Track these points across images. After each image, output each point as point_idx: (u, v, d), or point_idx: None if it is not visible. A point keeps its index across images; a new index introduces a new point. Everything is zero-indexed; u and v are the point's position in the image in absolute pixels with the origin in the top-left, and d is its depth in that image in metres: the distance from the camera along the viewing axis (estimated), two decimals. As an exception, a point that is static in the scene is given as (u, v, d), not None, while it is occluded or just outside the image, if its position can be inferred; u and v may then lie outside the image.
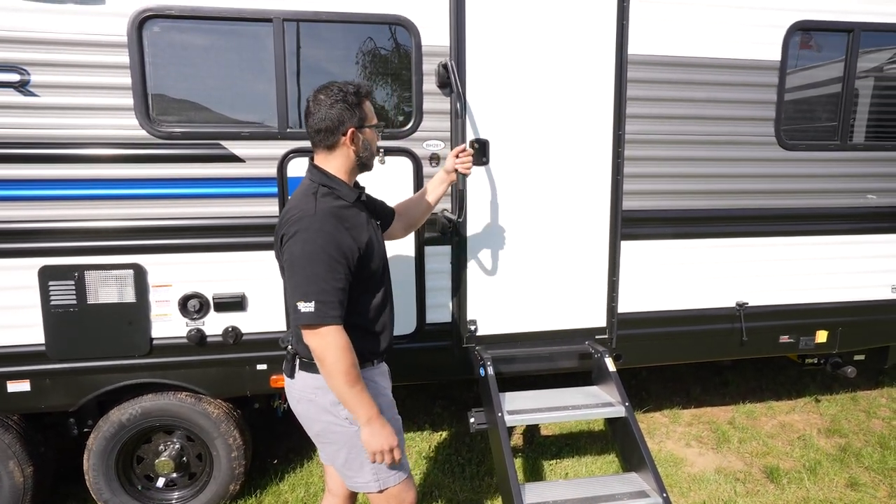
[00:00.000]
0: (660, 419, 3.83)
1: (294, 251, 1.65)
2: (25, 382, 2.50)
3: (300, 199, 1.74)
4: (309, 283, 1.62)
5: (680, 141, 2.91)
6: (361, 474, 1.80)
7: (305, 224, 1.65)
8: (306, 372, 1.79)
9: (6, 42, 2.31)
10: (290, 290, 1.67)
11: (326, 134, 1.76)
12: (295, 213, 1.69)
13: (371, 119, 1.83)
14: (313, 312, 1.61)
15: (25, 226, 2.41)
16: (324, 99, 1.74)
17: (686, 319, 3.07)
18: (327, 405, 1.77)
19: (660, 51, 2.81)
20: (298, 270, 1.63)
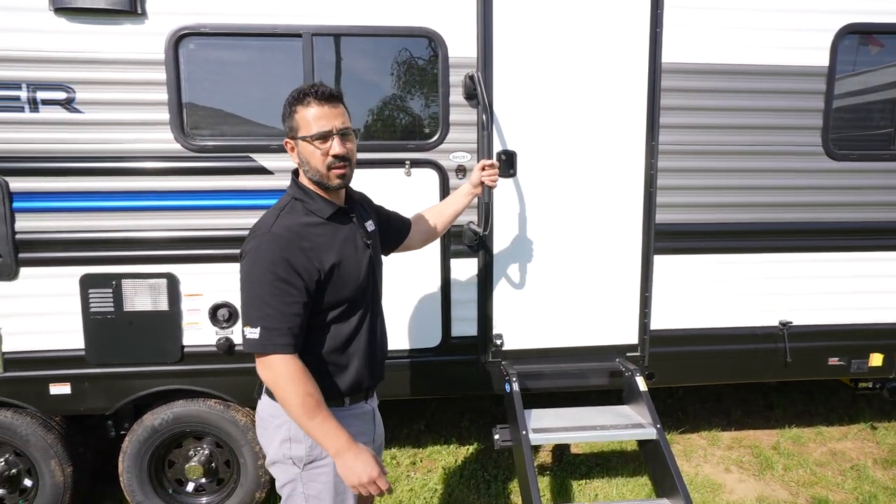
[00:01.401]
0: (697, 441, 3.66)
1: (243, 270, 1.52)
2: (66, 385, 2.61)
3: (268, 213, 1.62)
4: (252, 306, 1.49)
5: (717, 151, 2.79)
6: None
7: (256, 243, 1.52)
8: (267, 396, 1.65)
9: (55, 62, 2.43)
10: (241, 312, 1.55)
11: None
12: (255, 230, 1.58)
13: (304, 129, 1.55)
14: (257, 340, 1.47)
15: (69, 236, 2.53)
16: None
17: (724, 338, 2.93)
18: (276, 440, 1.62)
19: (696, 59, 2.71)
20: (245, 293, 1.51)
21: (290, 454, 1.60)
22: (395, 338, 2.72)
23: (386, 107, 2.69)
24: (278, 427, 1.61)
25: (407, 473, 3.29)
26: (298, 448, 1.60)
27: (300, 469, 1.61)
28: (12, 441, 2.66)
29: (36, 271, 2.53)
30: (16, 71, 2.42)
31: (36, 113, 2.45)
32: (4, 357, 2.57)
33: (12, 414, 2.64)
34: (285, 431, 1.60)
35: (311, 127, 1.55)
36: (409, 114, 2.71)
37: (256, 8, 2.48)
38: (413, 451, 3.53)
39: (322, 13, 2.51)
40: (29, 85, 2.44)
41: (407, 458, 3.44)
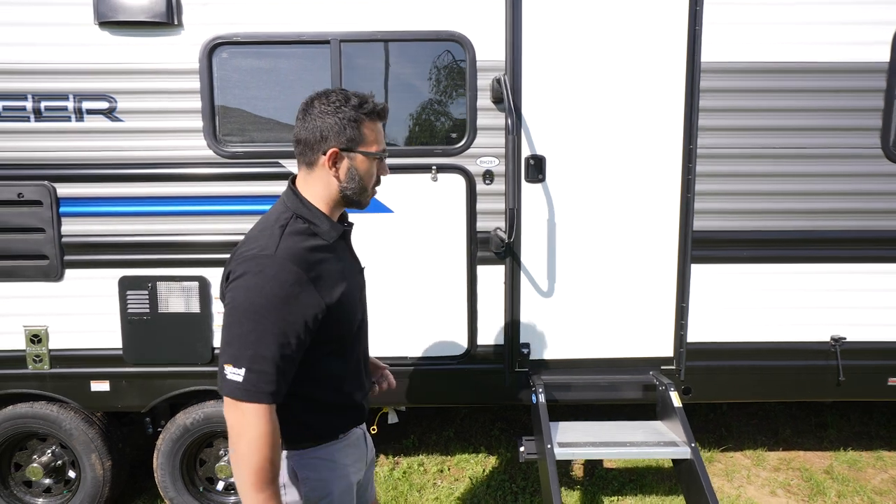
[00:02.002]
0: (741, 460, 3.46)
1: (237, 297, 1.27)
2: (105, 383, 2.72)
3: (264, 229, 1.36)
4: (244, 344, 1.24)
5: (762, 155, 2.63)
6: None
7: (258, 266, 1.27)
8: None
9: (99, 74, 2.55)
10: (222, 341, 1.29)
11: (305, 148, 1.38)
12: (250, 249, 1.31)
13: (370, 144, 1.40)
14: (240, 384, 1.23)
15: (109, 239, 2.63)
16: (317, 105, 1.38)
17: (768, 353, 2.75)
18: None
19: (738, 57, 2.57)
20: (235, 324, 1.26)
21: (285, 501, 1.39)
22: (419, 345, 2.72)
23: (413, 112, 2.67)
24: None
25: (434, 481, 3.26)
26: (293, 493, 1.42)
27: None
28: (57, 434, 2.79)
29: (79, 273, 2.65)
30: (64, 83, 2.55)
31: (81, 122, 2.57)
32: (51, 354, 2.70)
33: (58, 408, 2.77)
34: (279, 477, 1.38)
35: (377, 144, 1.41)
36: (435, 119, 2.69)
37: (286, 16, 2.52)
38: (441, 458, 3.50)
39: (350, 20, 2.53)
40: (75, 95, 2.56)
41: (434, 465, 3.41)
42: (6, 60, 2.53)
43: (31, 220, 2.61)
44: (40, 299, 2.66)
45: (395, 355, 2.72)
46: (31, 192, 2.59)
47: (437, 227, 2.65)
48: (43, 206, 2.60)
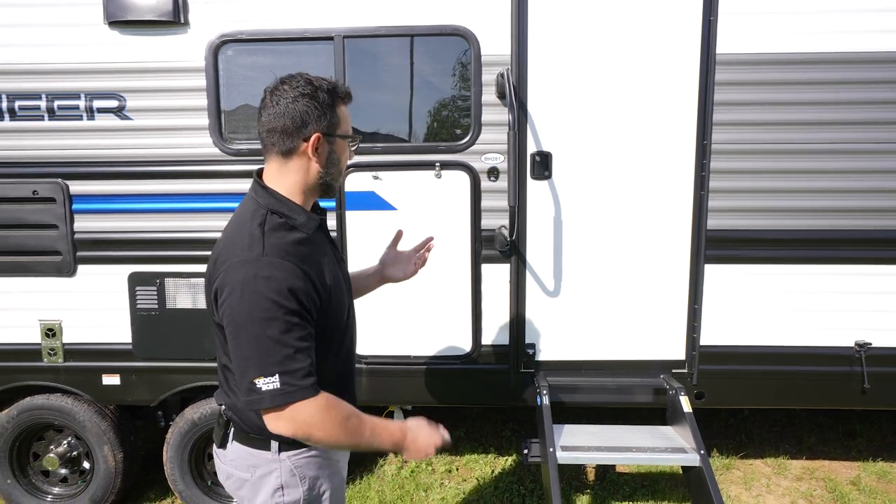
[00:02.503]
0: (761, 468, 3.33)
1: (238, 311, 1.24)
2: (116, 377, 2.77)
3: (241, 232, 1.32)
4: (266, 353, 1.23)
5: (781, 150, 2.51)
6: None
7: (250, 271, 1.24)
8: (241, 444, 1.43)
9: (109, 73, 2.59)
10: (238, 360, 1.27)
11: (283, 136, 1.33)
12: (235, 257, 1.28)
13: (345, 127, 1.40)
14: (279, 390, 1.22)
15: (119, 235, 2.68)
16: (287, 90, 1.33)
17: (787, 358, 2.63)
18: (263, 491, 1.42)
19: (756, 48, 2.45)
20: (249, 338, 1.24)
21: (285, 501, 1.42)
22: (422, 344, 2.69)
23: (417, 108, 2.63)
24: (263, 477, 1.42)
25: (441, 482, 3.23)
26: (293, 493, 1.43)
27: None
28: (72, 426, 2.86)
29: (91, 269, 2.70)
30: (76, 82, 2.60)
31: (92, 120, 2.62)
32: (65, 348, 2.77)
33: (72, 401, 2.84)
34: (276, 480, 1.41)
35: (348, 127, 1.42)
36: (439, 115, 2.64)
37: (290, 13, 2.52)
38: (450, 458, 3.46)
39: (353, 15, 2.51)
40: (86, 94, 2.60)
41: (443, 465, 3.38)
42: (22, 61, 2.59)
43: (45, 217, 2.67)
44: (54, 294, 2.72)
45: (397, 354, 2.70)
46: (45, 190, 2.66)
47: (440, 225, 2.61)
48: (56, 203, 2.66)
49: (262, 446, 1.41)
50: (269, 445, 1.41)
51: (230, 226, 1.39)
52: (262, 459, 1.41)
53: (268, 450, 1.41)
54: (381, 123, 2.63)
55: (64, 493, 2.99)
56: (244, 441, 1.43)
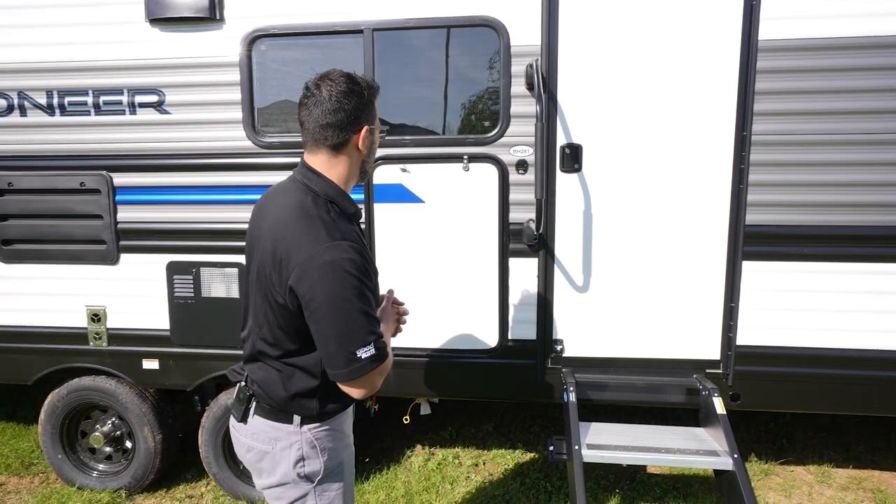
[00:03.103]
0: (803, 475, 3.18)
1: (331, 292, 1.34)
2: (155, 361, 2.89)
3: (310, 219, 1.40)
4: (362, 325, 1.36)
5: (828, 142, 2.37)
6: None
7: (336, 255, 1.34)
8: (263, 418, 1.52)
9: (149, 69, 2.68)
10: (333, 337, 1.36)
11: (336, 130, 1.43)
12: (317, 243, 1.36)
13: (377, 120, 1.55)
14: (374, 355, 1.38)
15: (158, 226, 2.78)
16: (333, 87, 1.42)
17: (830, 360, 2.50)
18: (285, 462, 1.51)
19: (802, 33, 2.32)
20: (344, 314, 1.35)
21: (305, 472, 1.52)
22: (449, 337, 2.69)
23: (445, 100, 2.62)
24: (285, 449, 1.51)
25: (468, 475, 3.23)
26: (314, 464, 1.52)
27: (313, 484, 1.54)
28: (115, 406, 3.00)
29: (133, 258, 2.82)
30: (119, 78, 2.71)
31: (134, 115, 2.72)
32: (108, 332, 2.90)
33: (115, 383, 2.97)
34: (297, 451, 1.51)
35: (378, 119, 1.55)
36: (468, 107, 2.62)
37: (321, 7, 2.54)
38: (477, 452, 3.46)
39: (383, 8, 2.51)
40: (129, 90, 2.71)
41: (470, 458, 3.38)
42: (71, 59, 2.71)
43: (90, 208, 2.80)
44: (99, 281, 2.86)
45: (424, 347, 2.70)
46: (91, 182, 2.78)
47: (468, 218, 2.60)
48: (101, 194, 2.78)
49: (284, 420, 1.50)
50: (291, 419, 1.50)
51: (287, 211, 1.44)
52: (284, 432, 1.50)
53: (290, 423, 1.50)
54: (409, 116, 2.64)
55: (108, 469, 3.14)
56: (266, 415, 1.51)
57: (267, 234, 1.45)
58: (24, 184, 2.81)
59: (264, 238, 1.46)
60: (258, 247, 1.49)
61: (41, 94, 2.74)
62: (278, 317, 1.43)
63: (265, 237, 1.46)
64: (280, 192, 1.53)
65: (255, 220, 1.56)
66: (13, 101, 2.77)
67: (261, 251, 1.47)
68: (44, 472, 3.33)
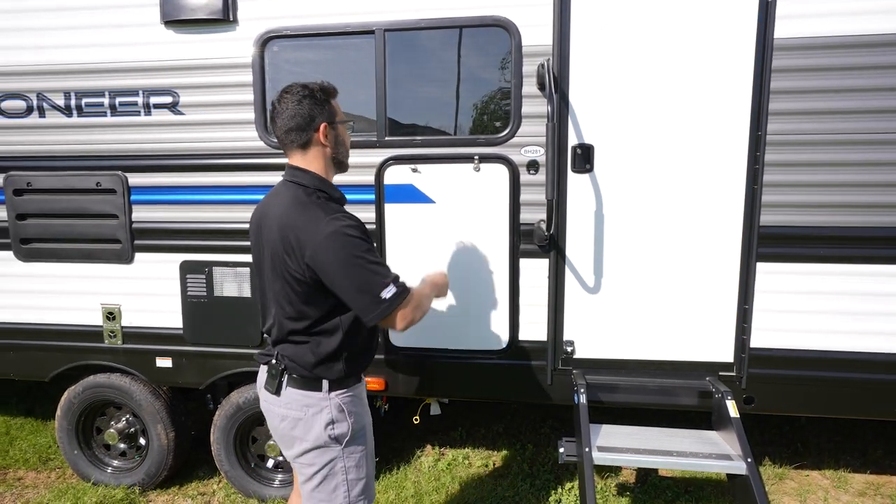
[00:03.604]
0: (818, 480, 3.13)
1: (342, 255, 1.57)
2: (168, 360, 2.92)
3: (309, 209, 1.63)
4: (376, 272, 1.62)
5: (846, 141, 2.33)
6: (334, 498, 1.75)
7: (338, 226, 1.58)
8: (295, 388, 1.72)
9: (164, 70, 2.71)
10: (356, 290, 1.60)
11: (298, 132, 1.69)
12: (320, 223, 1.59)
13: (340, 115, 1.78)
14: (396, 293, 1.63)
15: (172, 225, 2.81)
16: (290, 97, 1.69)
17: (847, 364, 2.45)
18: (316, 426, 1.71)
19: (819, 31, 2.29)
20: (359, 269, 1.58)
21: (335, 434, 1.72)
22: (459, 337, 2.69)
23: (456, 100, 2.62)
24: (316, 414, 1.72)
25: (477, 476, 3.22)
26: (342, 426, 1.73)
27: (342, 446, 1.74)
28: (129, 404, 3.04)
29: (147, 257, 2.86)
30: (135, 80, 2.74)
31: (149, 116, 2.76)
32: (123, 331, 2.94)
33: (129, 380, 3.02)
34: (327, 415, 1.72)
35: (342, 114, 1.80)
36: (479, 107, 2.62)
37: (333, 8, 2.55)
38: (487, 452, 3.46)
39: (394, 8, 2.51)
40: (144, 91, 2.74)
41: (480, 459, 3.38)
42: (89, 61, 2.75)
43: (106, 207, 2.84)
44: (114, 280, 2.90)
45: (435, 347, 2.71)
46: (107, 182, 2.82)
47: (479, 219, 2.59)
48: (116, 193, 2.82)
49: (314, 387, 1.71)
50: (320, 386, 1.72)
51: (285, 206, 1.68)
52: (315, 399, 1.71)
53: (319, 390, 1.72)
54: (420, 116, 2.64)
55: (123, 466, 3.19)
56: (298, 385, 1.72)
57: (273, 229, 1.68)
58: (42, 183, 2.86)
59: (272, 234, 1.69)
60: (267, 244, 1.72)
61: (59, 95, 2.79)
62: (299, 294, 1.65)
63: (272, 233, 1.69)
64: (274, 194, 1.79)
65: (259, 220, 1.80)
66: (32, 102, 2.82)
67: (271, 246, 1.69)
68: (60, 468, 3.38)
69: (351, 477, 1.76)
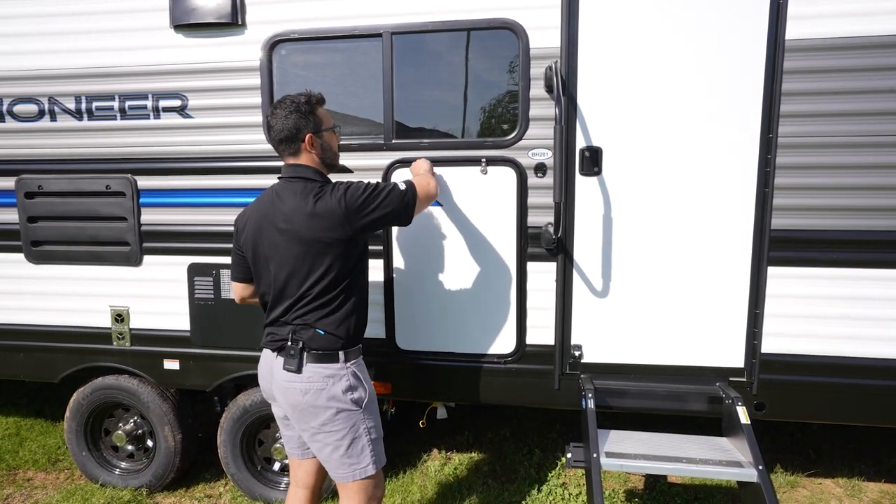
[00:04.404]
0: (831, 488, 3.08)
1: (363, 195, 1.91)
2: (176, 362, 2.93)
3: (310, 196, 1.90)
4: (384, 188, 1.98)
5: (859, 143, 2.30)
6: (362, 458, 1.95)
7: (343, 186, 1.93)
8: (315, 363, 1.91)
9: (173, 74, 2.73)
10: (386, 208, 1.95)
11: (286, 143, 1.96)
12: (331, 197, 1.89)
13: (326, 123, 2.01)
14: (406, 187, 2.04)
15: (180, 228, 2.83)
16: (279, 112, 1.93)
17: (860, 370, 2.41)
18: (338, 393, 1.91)
19: (831, 32, 2.26)
20: (374, 198, 1.92)
21: (355, 397, 1.94)
22: (466, 341, 2.68)
23: (464, 103, 2.61)
24: (337, 381, 1.92)
25: (484, 481, 3.20)
26: (360, 391, 1.97)
27: (361, 409, 1.95)
28: (137, 406, 3.05)
29: (155, 259, 2.87)
30: (144, 83, 2.76)
31: (158, 119, 2.77)
32: (132, 333, 2.95)
33: (137, 382, 3.03)
34: (346, 381, 1.93)
35: (330, 121, 2.05)
36: (486, 110, 2.61)
37: (340, 11, 2.56)
38: (494, 457, 3.43)
39: (401, 11, 2.51)
40: (153, 95, 2.76)
41: (486, 464, 3.36)
42: (100, 65, 2.77)
43: (116, 210, 2.86)
44: (123, 282, 2.91)
45: (441, 351, 2.69)
46: (116, 184, 2.84)
47: (486, 222, 2.58)
48: (126, 196, 2.84)
49: (333, 359, 1.93)
50: (337, 358, 1.93)
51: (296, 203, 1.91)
52: (334, 370, 1.92)
53: (337, 361, 1.93)
54: (427, 119, 2.63)
55: (130, 467, 3.19)
56: (317, 359, 1.92)
57: (292, 224, 1.90)
58: (53, 186, 2.89)
59: (292, 229, 1.90)
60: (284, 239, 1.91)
61: (70, 99, 2.81)
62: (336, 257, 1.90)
63: (290, 229, 1.90)
64: (275, 193, 2.00)
65: (259, 220, 1.99)
66: (44, 106, 2.84)
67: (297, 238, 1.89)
68: (69, 469, 3.40)
69: (373, 437, 1.98)
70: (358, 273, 2.01)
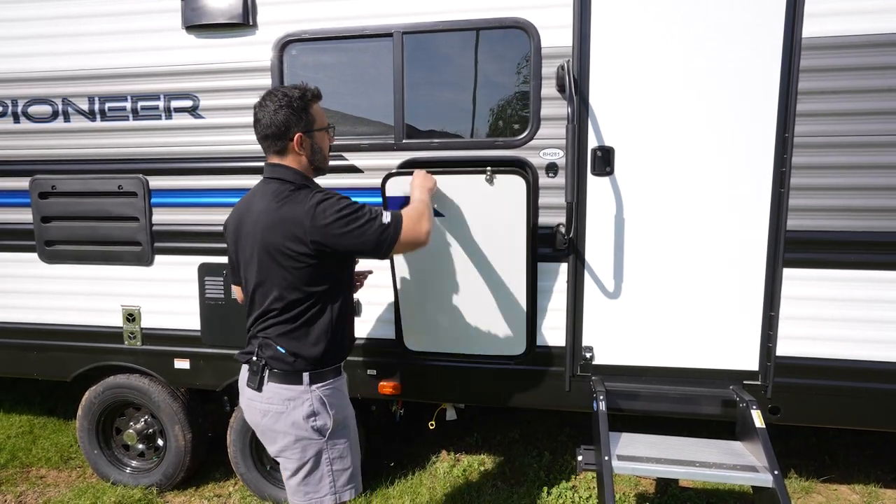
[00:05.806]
0: (847, 494, 3.03)
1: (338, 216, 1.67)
2: (186, 361, 2.94)
3: (283, 200, 1.72)
4: (367, 213, 1.72)
5: (879, 143, 2.25)
6: (320, 489, 1.79)
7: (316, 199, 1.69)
8: (277, 383, 1.76)
9: (185, 74, 2.74)
10: (362, 236, 1.70)
11: (273, 140, 1.76)
12: (301, 207, 1.68)
13: (320, 122, 1.82)
14: (393, 218, 1.76)
15: (191, 228, 2.84)
16: (269, 105, 1.73)
17: (878, 374, 2.37)
18: (298, 419, 1.74)
19: (850, 29, 2.22)
20: (354, 218, 1.69)
21: (317, 425, 1.76)
22: (477, 342, 2.66)
23: (475, 102, 2.60)
24: (297, 407, 1.75)
25: (493, 483, 3.18)
26: (324, 418, 1.77)
27: (325, 438, 1.78)
28: (148, 405, 3.07)
29: (167, 259, 2.88)
30: (156, 84, 2.77)
31: (170, 120, 2.79)
32: (143, 332, 2.97)
33: (148, 381, 3.04)
34: (308, 408, 1.75)
35: (324, 120, 1.85)
36: (497, 109, 2.59)
37: (351, 11, 2.55)
38: (503, 459, 3.41)
39: (412, 11, 2.51)
40: (165, 95, 2.77)
41: (496, 466, 3.34)
42: (113, 66, 2.79)
43: (127, 210, 2.87)
44: (135, 282, 2.93)
45: (451, 352, 2.68)
46: (128, 185, 2.86)
47: (496, 222, 2.56)
48: (137, 196, 2.85)
49: (295, 381, 1.75)
50: (301, 380, 1.75)
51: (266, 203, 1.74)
52: (296, 392, 1.74)
53: (300, 384, 1.75)
54: (438, 119, 2.62)
55: (141, 466, 3.21)
56: (279, 380, 1.75)
57: (260, 224, 1.73)
58: (66, 187, 2.91)
59: (257, 229, 1.73)
60: (250, 241, 1.78)
61: (83, 100, 2.84)
62: (297, 273, 1.70)
63: (259, 229, 1.73)
64: (253, 194, 1.86)
65: (238, 220, 1.86)
66: (58, 107, 2.87)
67: (259, 242, 1.73)
68: (81, 467, 3.43)
69: (336, 468, 1.80)
70: (330, 297, 1.78)
